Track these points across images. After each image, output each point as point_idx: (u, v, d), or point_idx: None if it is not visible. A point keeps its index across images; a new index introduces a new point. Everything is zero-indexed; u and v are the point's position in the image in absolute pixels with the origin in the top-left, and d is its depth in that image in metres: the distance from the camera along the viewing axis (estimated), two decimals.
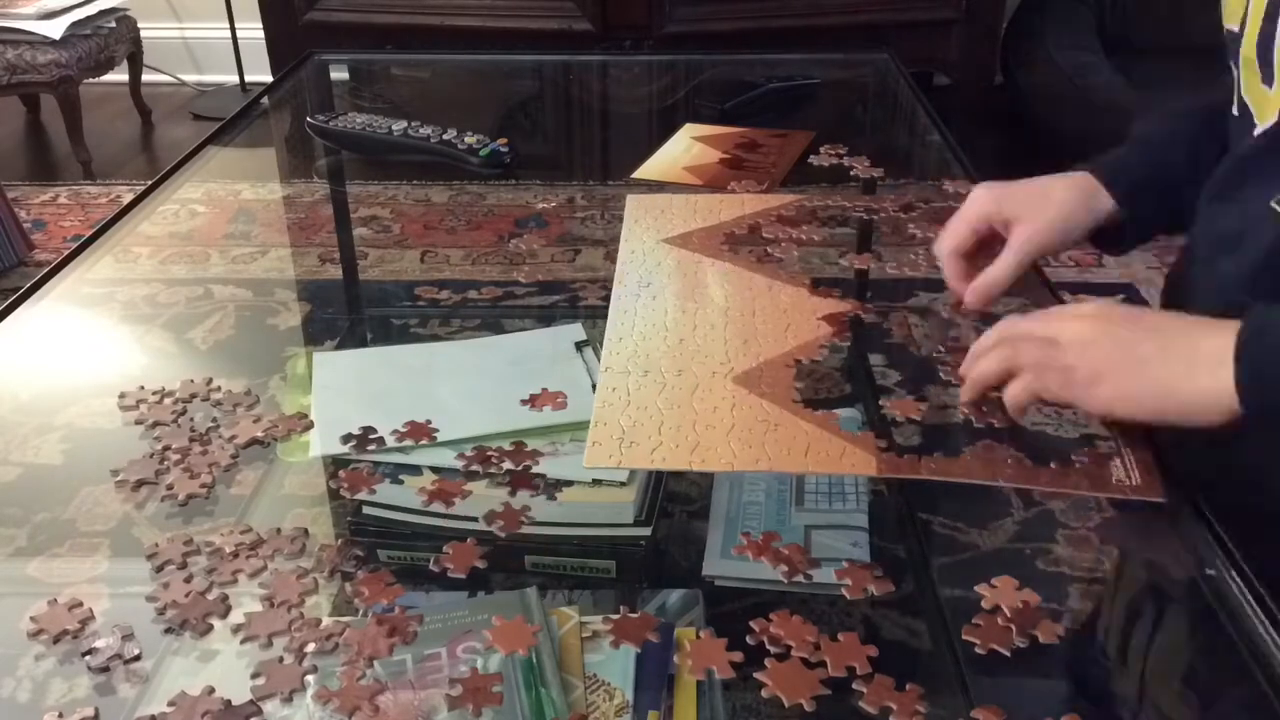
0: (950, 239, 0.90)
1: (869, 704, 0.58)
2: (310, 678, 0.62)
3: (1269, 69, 0.78)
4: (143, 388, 0.86)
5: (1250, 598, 0.64)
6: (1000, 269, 0.87)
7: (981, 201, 0.90)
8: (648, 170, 1.27)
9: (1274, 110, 0.77)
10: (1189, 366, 0.69)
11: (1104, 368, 0.72)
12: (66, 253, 1.08)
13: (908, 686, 0.58)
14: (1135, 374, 0.71)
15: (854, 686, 0.59)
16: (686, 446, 0.76)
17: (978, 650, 0.60)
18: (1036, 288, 0.94)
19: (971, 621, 0.62)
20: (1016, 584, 0.65)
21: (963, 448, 0.75)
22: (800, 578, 0.66)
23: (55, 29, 3.05)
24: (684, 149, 1.33)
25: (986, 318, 0.87)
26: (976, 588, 0.65)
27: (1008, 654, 0.59)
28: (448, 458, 0.78)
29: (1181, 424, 0.70)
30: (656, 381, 0.83)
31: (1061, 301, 0.90)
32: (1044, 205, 0.89)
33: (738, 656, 0.61)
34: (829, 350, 0.87)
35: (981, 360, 0.78)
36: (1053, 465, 0.74)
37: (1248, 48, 0.80)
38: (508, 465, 0.76)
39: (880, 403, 0.81)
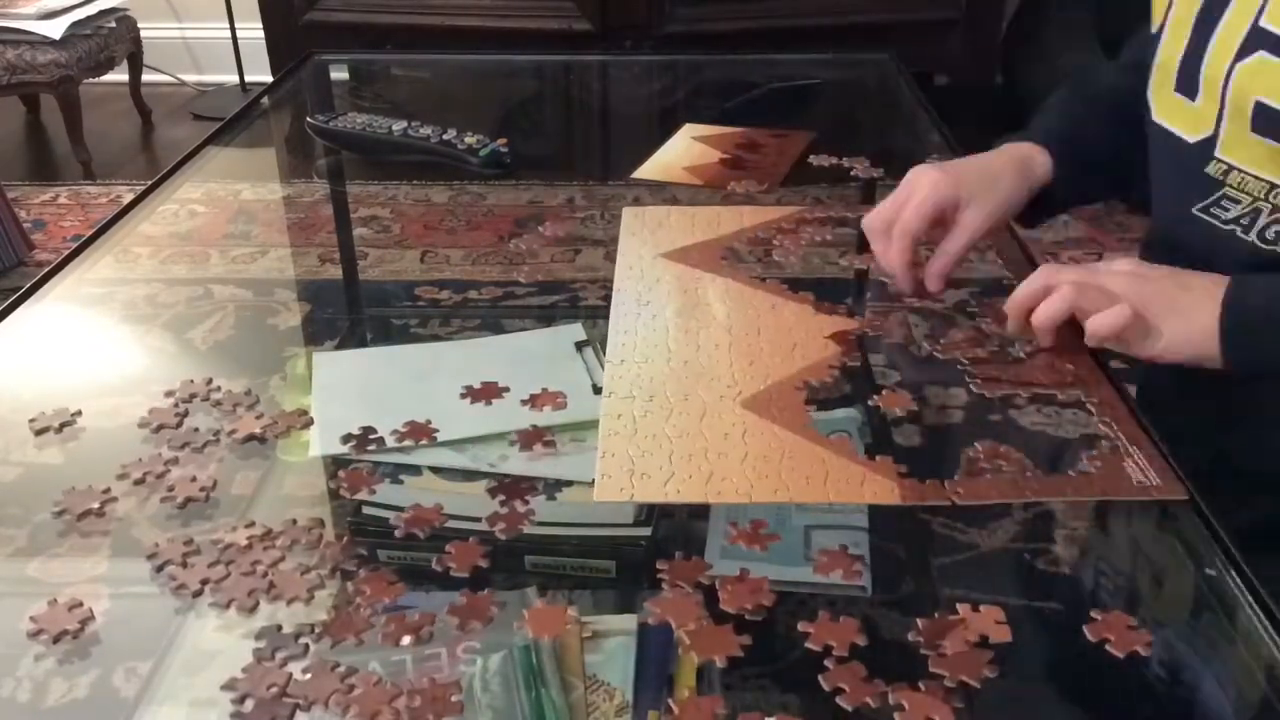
0: (912, 222, 0.90)
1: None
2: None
3: (1191, 82, 0.83)
4: (161, 392, 0.85)
5: (1250, 597, 0.64)
6: (957, 250, 0.91)
7: (940, 186, 0.90)
8: (648, 170, 1.27)
9: (1199, 123, 0.83)
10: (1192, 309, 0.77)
11: (1147, 304, 0.78)
12: (66, 253, 1.08)
13: None
14: (1167, 315, 0.78)
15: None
16: (700, 477, 0.74)
17: (946, 683, 0.59)
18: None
19: (939, 652, 0.61)
20: (1001, 616, 0.63)
21: (966, 453, 0.75)
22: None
23: (55, 29, 3.05)
24: (684, 149, 1.33)
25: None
26: (959, 606, 0.64)
27: (978, 685, 0.59)
28: (448, 458, 0.78)
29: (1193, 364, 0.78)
30: (663, 407, 0.81)
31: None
32: (994, 187, 0.93)
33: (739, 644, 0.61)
34: (839, 371, 0.85)
35: (1024, 284, 0.83)
36: (1071, 474, 0.73)
37: (1166, 53, 0.86)
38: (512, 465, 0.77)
39: (872, 400, 0.81)
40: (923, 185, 0.91)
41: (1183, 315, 0.78)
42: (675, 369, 0.86)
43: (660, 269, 1.01)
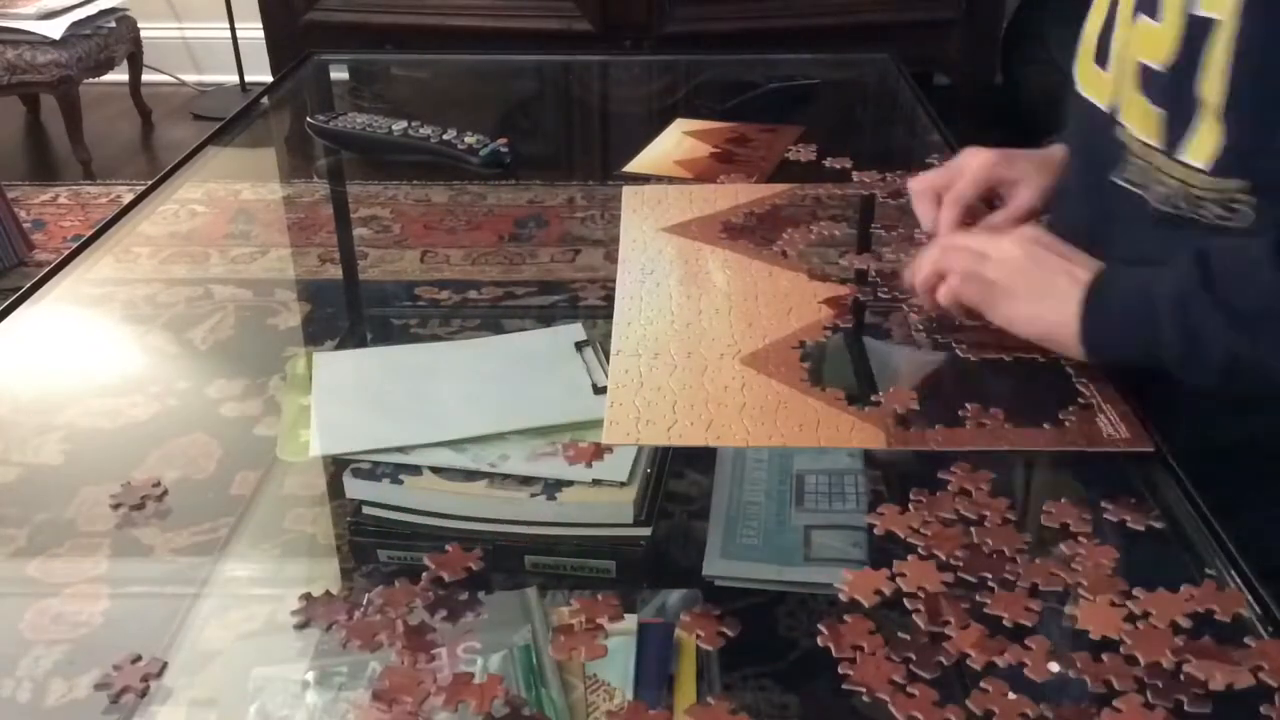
0: (966, 190, 0.96)
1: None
2: (311, 675, 0.62)
3: (1104, 53, 0.86)
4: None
5: (1250, 599, 0.64)
6: (1003, 224, 0.94)
7: (994, 164, 0.96)
8: (639, 164, 1.27)
9: (1109, 92, 0.85)
10: (1056, 297, 0.80)
11: (1016, 288, 0.82)
12: (66, 253, 1.08)
13: None
14: (1034, 301, 0.81)
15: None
16: (701, 424, 0.78)
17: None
18: None
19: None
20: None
21: (958, 411, 0.79)
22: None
23: (55, 29, 3.05)
24: (675, 143, 1.33)
25: None
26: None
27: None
28: (448, 458, 0.78)
29: (1057, 351, 0.82)
30: (667, 363, 0.85)
31: None
32: (1045, 172, 0.96)
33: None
34: (832, 332, 0.89)
35: (919, 263, 0.88)
36: (1046, 427, 0.77)
37: (1089, 27, 0.89)
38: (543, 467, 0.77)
39: (873, 398, 0.82)
40: (976, 160, 0.97)
41: (1039, 295, 0.81)
42: (678, 329, 0.90)
43: (662, 241, 1.05)
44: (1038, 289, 0.81)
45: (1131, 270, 0.80)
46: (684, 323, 0.91)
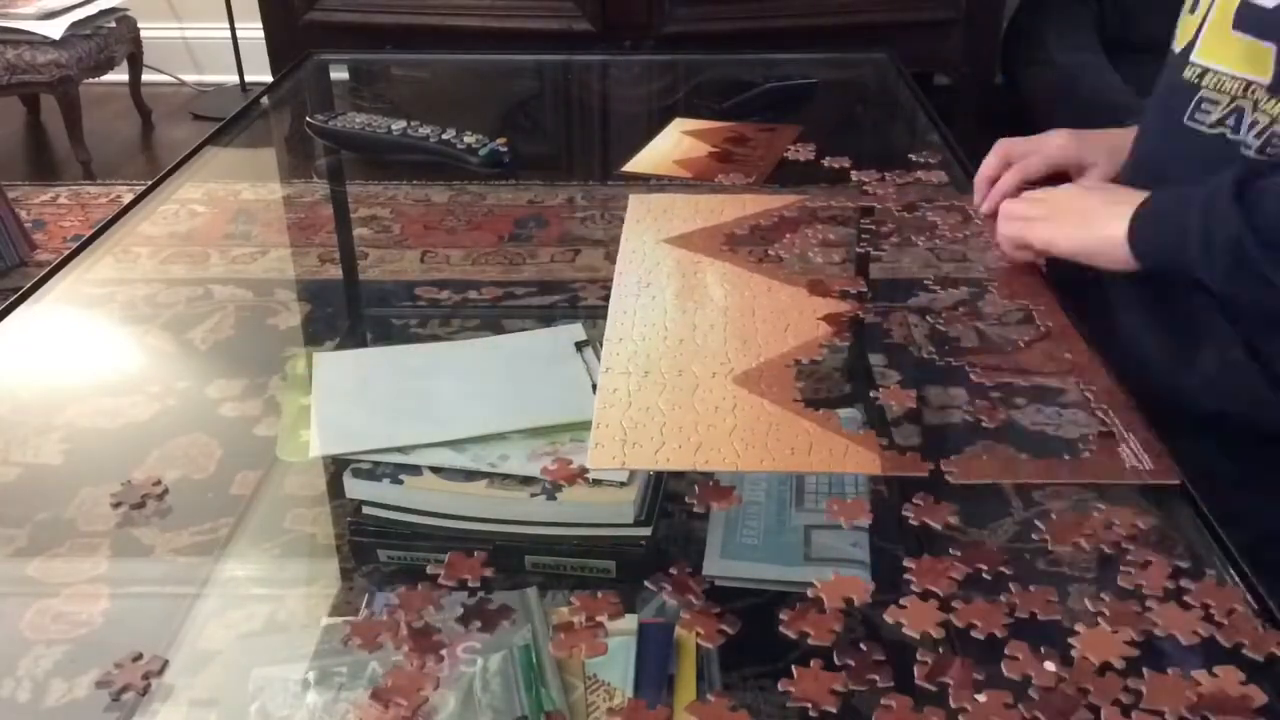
0: (1031, 166, 1.00)
1: None
2: (311, 674, 0.62)
3: None
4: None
5: (1250, 598, 0.64)
6: None
7: (1068, 148, 1.00)
8: (638, 163, 1.27)
9: (1186, 32, 0.87)
10: (1103, 218, 0.86)
11: (1052, 214, 0.91)
12: (66, 253, 1.08)
13: None
14: (1067, 220, 0.90)
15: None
16: (690, 447, 0.76)
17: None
18: None
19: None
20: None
21: (964, 446, 0.75)
22: None
23: (55, 29, 3.05)
24: (674, 143, 1.33)
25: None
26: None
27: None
28: (448, 457, 0.78)
29: (1092, 263, 0.88)
30: (657, 382, 0.83)
31: None
32: (1117, 155, 0.99)
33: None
34: (829, 350, 0.87)
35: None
36: (1065, 458, 0.74)
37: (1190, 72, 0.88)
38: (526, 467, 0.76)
39: (872, 395, 0.82)
40: (1056, 141, 1.01)
41: (1072, 215, 0.90)
42: (671, 346, 0.88)
43: (662, 253, 1.03)
44: (1071, 213, 0.89)
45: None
46: (677, 339, 0.89)
